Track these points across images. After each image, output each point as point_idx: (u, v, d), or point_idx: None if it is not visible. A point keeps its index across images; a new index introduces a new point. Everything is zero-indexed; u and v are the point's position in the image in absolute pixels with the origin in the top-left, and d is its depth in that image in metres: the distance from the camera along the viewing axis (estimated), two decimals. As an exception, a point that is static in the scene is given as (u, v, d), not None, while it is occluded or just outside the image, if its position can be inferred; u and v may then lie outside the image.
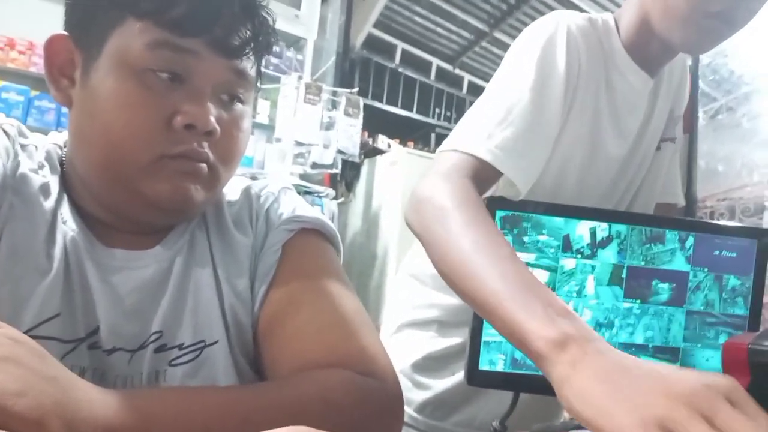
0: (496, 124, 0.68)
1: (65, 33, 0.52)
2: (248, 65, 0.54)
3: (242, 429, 0.41)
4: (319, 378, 0.48)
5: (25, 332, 0.42)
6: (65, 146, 0.56)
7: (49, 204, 0.51)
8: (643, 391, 0.36)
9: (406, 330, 0.92)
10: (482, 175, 0.66)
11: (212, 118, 0.50)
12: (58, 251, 0.50)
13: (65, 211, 0.52)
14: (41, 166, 0.53)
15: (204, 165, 0.51)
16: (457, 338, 0.86)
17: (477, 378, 0.69)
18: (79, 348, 0.49)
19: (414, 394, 0.87)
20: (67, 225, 0.51)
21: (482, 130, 0.68)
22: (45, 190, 0.52)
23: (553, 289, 0.68)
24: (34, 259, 0.48)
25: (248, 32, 0.52)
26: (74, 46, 0.52)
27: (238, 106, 0.54)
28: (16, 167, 0.51)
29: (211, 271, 0.56)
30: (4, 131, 0.52)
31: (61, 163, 0.55)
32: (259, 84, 0.57)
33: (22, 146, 0.53)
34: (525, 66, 0.71)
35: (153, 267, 0.53)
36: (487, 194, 0.70)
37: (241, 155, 0.55)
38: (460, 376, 0.85)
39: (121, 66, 0.49)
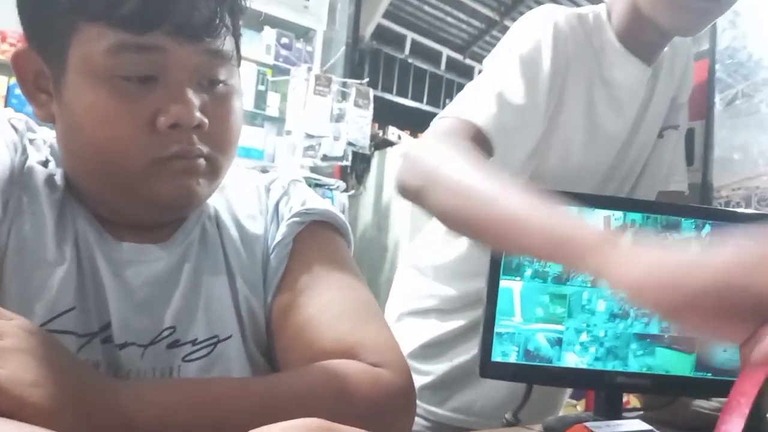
0: (492, 100, 0.69)
1: (28, 48, 0.50)
2: (220, 42, 0.49)
3: (255, 419, 0.41)
4: (331, 369, 0.48)
5: (39, 326, 0.43)
6: None
7: (56, 197, 0.51)
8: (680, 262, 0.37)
9: (407, 319, 0.94)
10: (477, 142, 0.66)
11: (197, 113, 0.47)
12: (69, 244, 0.49)
13: (73, 205, 0.52)
14: (48, 160, 0.53)
15: (201, 160, 0.49)
16: (458, 321, 0.88)
17: (490, 369, 0.68)
18: (92, 342, 0.49)
19: (414, 381, 0.88)
20: (77, 220, 0.51)
21: (479, 102, 0.70)
22: (52, 183, 0.51)
23: (567, 280, 0.67)
24: (44, 252, 0.48)
25: (211, 5, 0.47)
26: (41, 60, 0.49)
27: (221, 87, 0.51)
28: (24, 161, 0.51)
29: (223, 264, 0.56)
30: (13, 126, 0.52)
31: None
32: (238, 57, 0.53)
33: (30, 140, 0.53)
34: (514, 59, 0.73)
35: (164, 261, 0.53)
36: None
37: (236, 137, 0.53)
38: (457, 361, 0.87)
39: (87, 77, 0.46)
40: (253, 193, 0.61)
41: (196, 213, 0.57)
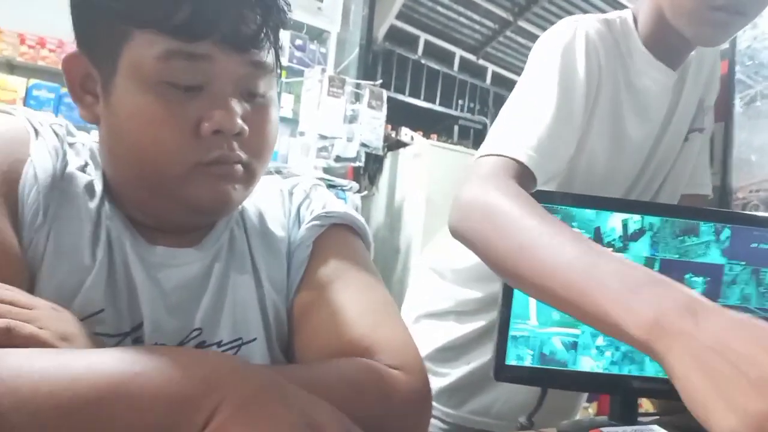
0: (529, 130, 0.67)
1: (78, 51, 0.51)
2: (264, 54, 0.51)
3: None
4: (344, 365, 0.48)
5: None
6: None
7: (94, 203, 0.52)
8: (743, 381, 0.33)
9: (424, 321, 0.94)
10: (521, 178, 0.65)
11: (238, 120, 0.49)
12: (101, 248, 0.51)
13: (108, 208, 0.53)
14: (87, 164, 0.54)
15: (239, 166, 0.51)
16: (475, 324, 0.87)
17: (504, 373, 0.68)
18: (124, 342, 0.50)
19: (431, 383, 0.88)
20: (112, 221, 0.52)
21: (517, 135, 0.68)
22: (90, 189, 0.53)
23: (583, 283, 0.66)
24: (80, 258, 0.49)
25: (257, 19, 0.49)
26: (89, 64, 0.51)
27: (261, 98, 0.53)
28: (64, 167, 0.52)
29: (250, 268, 0.57)
30: (54, 131, 0.53)
31: None
32: (278, 70, 0.55)
33: (70, 145, 0.54)
34: (547, 73, 0.71)
35: (197, 265, 0.54)
36: None
37: (272, 146, 0.55)
38: (475, 364, 0.87)
39: (137, 81, 0.48)
40: (277, 197, 0.63)
41: (225, 218, 0.58)
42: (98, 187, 0.53)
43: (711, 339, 0.36)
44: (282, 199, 0.63)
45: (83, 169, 0.53)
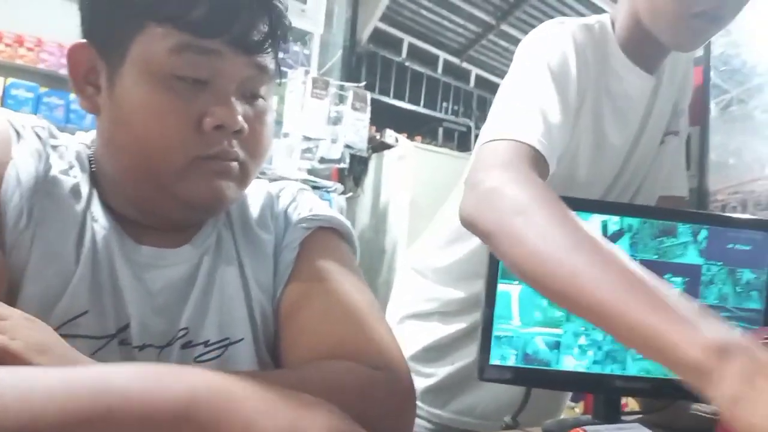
0: (539, 118, 0.67)
1: (85, 41, 0.52)
2: (268, 60, 0.54)
3: None
4: (325, 368, 0.49)
5: (55, 330, 0.44)
6: (92, 145, 0.57)
7: (80, 205, 0.52)
8: None
9: (408, 321, 0.94)
10: (538, 166, 0.63)
11: (240, 117, 0.50)
12: (86, 250, 0.50)
13: (96, 209, 0.53)
14: (71, 166, 0.54)
15: (235, 163, 0.52)
16: (459, 324, 0.88)
17: (488, 373, 0.68)
18: (110, 344, 0.49)
19: (416, 383, 0.89)
20: (98, 223, 0.52)
21: (527, 121, 0.66)
22: (75, 191, 0.52)
23: (565, 284, 0.67)
24: (65, 262, 0.49)
25: (266, 27, 0.52)
26: (96, 54, 0.52)
27: (260, 101, 0.55)
28: (47, 170, 0.51)
29: (237, 269, 0.57)
30: (37, 134, 0.53)
31: (90, 162, 0.56)
32: (279, 78, 0.58)
33: (54, 147, 0.54)
34: (542, 70, 0.71)
35: (184, 265, 0.54)
36: None
37: (267, 150, 0.56)
38: (459, 364, 0.88)
39: (145, 73, 0.49)
40: (265, 200, 0.63)
41: (213, 219, 0.58)
42: (84, 189, 0.53)
43: None
44: (269, 201, 0.63)
45: (67, 171, 0.53)
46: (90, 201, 0.53)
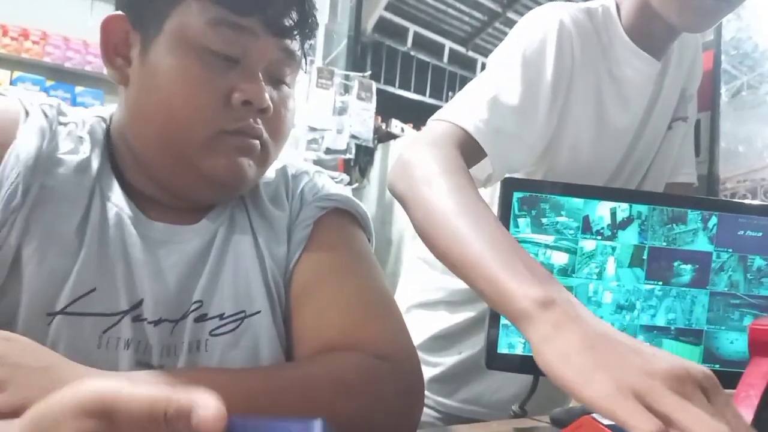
0: (486, 104, 0.69)
1: (121, 13, 0.54)
2: (296, 46, 0.56)
3: (248, 408, 0.41)
4: (331, 361, 0.49)
5: (61, 311, 0.45)
6: (110, 120, 0.58)
7: (87, 182, 0.52)
8: (623, 363, 0.37)
9: (415, 311, 0.95)
10: (467, 148, 0.66)
11: (267, 96, 0.52)
12: (94, 226, 0.50)
13: (108, 184, 0.53)
14: (82, 141, 0.54)
15: (257, 141, 0.53)
16: (466, 313, 0.88)
17: (496, 361, 0.68)
18: (122, 321, 0.49)
19: (423, 372, 0.89)
20: (111, 199, 0.52)
21: (473, 106, 0.69)
22: (83, 167, 0.52)
23: (573, 272, 0.67)
24: (71, 241, 0.49)
25: (298, 16, 0.54)
26: (130, 26, 0.53)
27: (285, 87, 0.56)
28: (53, 149, 0.52)
29: (251, 241, 0.57)
30: (44, 112, 0.53)
31: (108, 137, 0.56)
32: (304, 68, 0.60)
33: (64, 124, 0.54)
34: (516, 59, 0.72)
35: (196, 241, 0.55)
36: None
37: (288, 134, 0.58)
38: (466, 353, 0.88)
39: (181, 43, 0.51)
40: (281, 179, 0.64)
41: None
42: (95, 164, 0.53)
43: (594, 330, 0.40)
44: (285, 180, 0.63)
45: (76, 149, 0.53)
46: (101, 176, 0.53)
